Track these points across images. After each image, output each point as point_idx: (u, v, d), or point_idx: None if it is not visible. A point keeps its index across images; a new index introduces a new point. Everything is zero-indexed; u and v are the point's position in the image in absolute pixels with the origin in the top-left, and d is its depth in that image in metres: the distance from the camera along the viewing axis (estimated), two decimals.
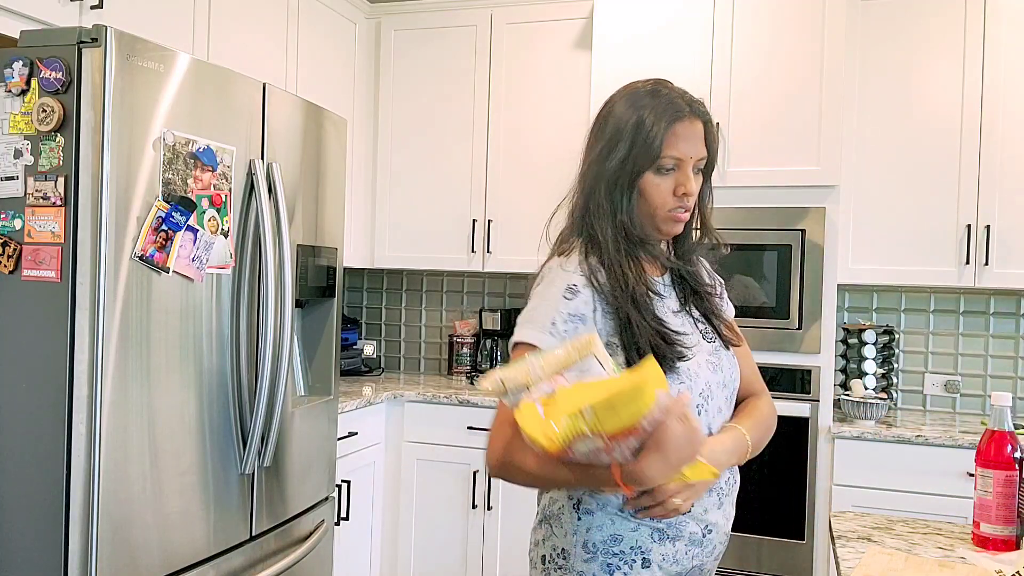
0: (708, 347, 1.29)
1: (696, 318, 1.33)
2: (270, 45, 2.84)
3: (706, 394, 1.25)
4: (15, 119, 1.63)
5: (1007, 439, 1.41)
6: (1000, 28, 2.82)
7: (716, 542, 1.27)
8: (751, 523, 2.81)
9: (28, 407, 1.63)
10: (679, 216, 1.26)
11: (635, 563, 1.21)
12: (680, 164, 1.24)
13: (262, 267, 2.00)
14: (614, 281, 1.23)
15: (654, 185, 1.24)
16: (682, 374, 1.21)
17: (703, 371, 1.25)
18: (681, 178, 1.24)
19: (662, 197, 1.24)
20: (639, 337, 1.20)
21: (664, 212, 1.25)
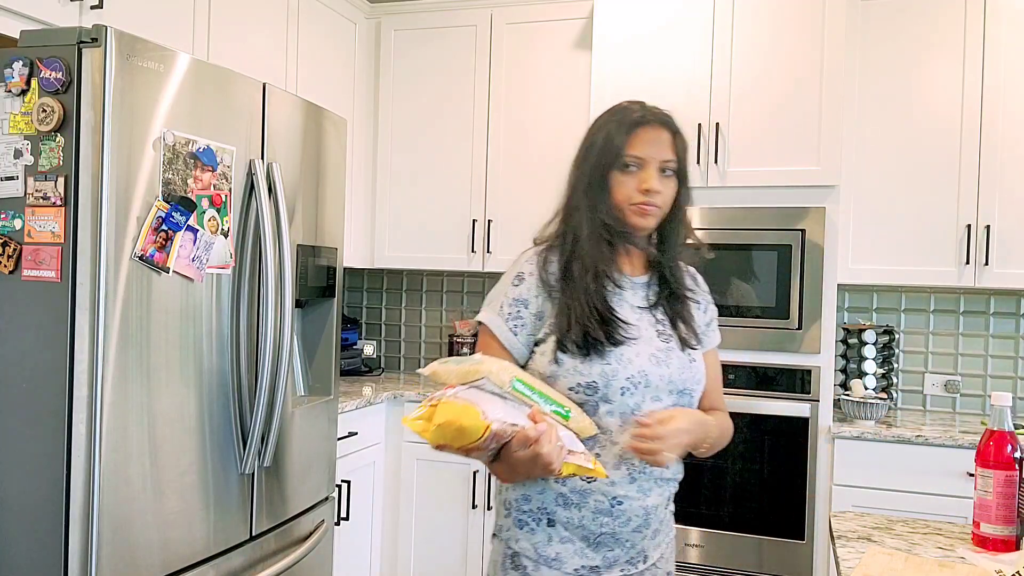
0: (658, 343, 1.39)
1: (659, 318, 1.43)
2: (270, 45, 2.84)
3: (637, 380, 1.35)
4: (15, 119, 1.63)
5: (1007, 439, 1.41)
6: (1000, 28, 2.82)
7: (631, 515, 1.36)
8: (751, 523, 2.81)
9: (28, 407, 1.63)
10: (644, 210, 1.38)
11: (541, 521, 1.37)
12: (642, 164, 1.38)
13: (262, 267, 2.00)
14: (566, 270, 1.39)
15: (619, 182, 1.39)
16: (611, 357, 1.34)
17: (640, 360, 1.36)
18: (643, 176, 1.38)
19: (626, 192, 1.38)
20: (571, 319, 1.34)
21: (629, 206, 1.39)
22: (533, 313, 1.40)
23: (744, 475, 2.82)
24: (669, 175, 1.40)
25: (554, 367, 1.36)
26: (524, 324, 1.40)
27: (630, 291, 1.44)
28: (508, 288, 1.42)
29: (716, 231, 2.86)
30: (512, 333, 1.40)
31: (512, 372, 1.23)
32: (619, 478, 1.35)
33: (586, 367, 1.34)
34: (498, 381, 1.20)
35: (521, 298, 1.41)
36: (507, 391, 1.21)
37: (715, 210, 2.87)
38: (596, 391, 1.34)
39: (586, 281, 1.37)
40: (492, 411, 1.15)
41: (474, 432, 1.13)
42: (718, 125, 2.88)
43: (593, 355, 1.33)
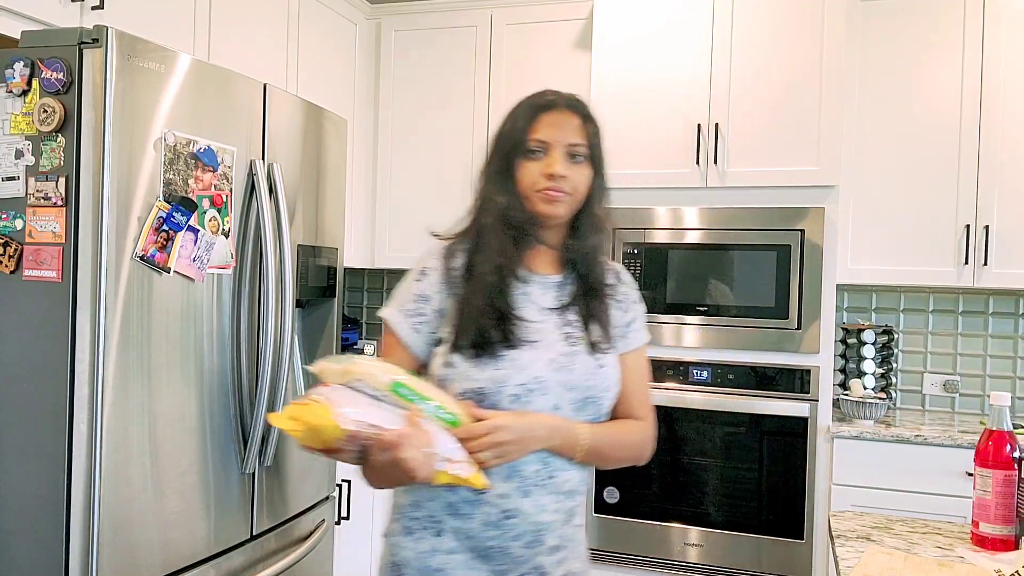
0: (562, 347, 1.30)
1: (570, 320, 1.33)
2: (271, 46, 2.84)
3: (531, 387, 1.26)
4: (16, 119, 1.64)
5: (1006, 439, 1.41)
6: (999, 27, 2.82)
7: (522, 529, 1.27)
8: (750, 522, 2.81)
9: (29, 407, 1.63)
10: (550, 196, 1.29)
11: (429, 530, 1.29)
12: (547, 148, 1.30)
13: (263, 267, 2.00)
14: (470, 265, 1.32)
15: (525, 169, 1.31)
16: (504, 361, 1.25)
17: (538, 365, 1.27)
18: (548, 160, 1.29)
19: (531, 178, 1.30)
20: (465, 316, 1.28)
21: (534, 192, 1.30)
22: (435, 310, 1.32)
23: (743, 475, 2.82)
24: (580, 161, 1.31)
25: (446, 370, 1.28)
26: (426, 321, 1.32)
27: (539, 290, 1.34)
28: (411, 284, 1.35)
29: (716, 231, 2.86)
30: (414, 331, 1.32)
31: (394, 375, 1.16)
32: (510, 490, 1.26)
33: (477, 371, 1.25)
34: (375, 383, 1.14)
35: (423, 294, 1.33)
36: (384, 394, 1.14)
37: (714, 210, 2.88)
38: (485, 397, 1.24)
39: (486, 276, 1.29)
40: (357, 412, 1.11)
41: (326, 432, 1.08)
42: (717, 125, 2.88)
43: (485, 358, 1.25)
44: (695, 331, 2.88)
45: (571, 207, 1.32)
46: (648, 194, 2.98)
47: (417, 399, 1.16)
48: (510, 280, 1.31)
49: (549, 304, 1.33)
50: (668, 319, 2.90)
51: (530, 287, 1.34)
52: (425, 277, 1.34)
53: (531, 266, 1.36)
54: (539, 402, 1.26)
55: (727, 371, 2.85)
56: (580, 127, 1.33)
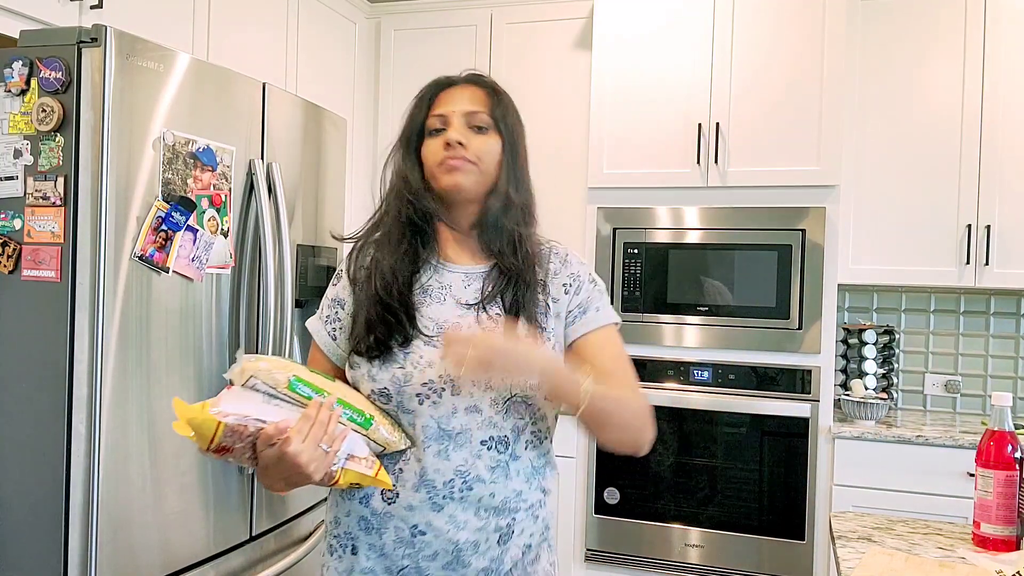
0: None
1: (494, 314, 1.21)
2: (270, 45, 2.83)
3: (439, 387, 1.16)
4: (15, 119, 1.63)
5: (1007, 439, 1.41)
6: (1001, 28, 2.82)
7: (437, 548, 1.17)
8: (751, 523, 2.81)
9: (28, 407, 1.62)
10: (449, 164, 1.21)
11: (347, 548, 1.23)
12: (447, 120, 1.24)
13: (262, 267, 2.00)
14: (368, 258, 1.25)
15: (428, 148, 1.25)
16: (406, 359, 1.17)
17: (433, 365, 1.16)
18: (449, 132, 1.22)
19: (433, 153, 1.23)
20: (358, 313, 1.21)
21: (436, 167, 1.23)
22: (349, 313, 1.25)
23: (744, 475, 2.82)
24: (484, 131, 1.23)
25: (352, 371, 1.22)
26: (341, 327, 1.26)
27: (460, 282, 1.24)
28: (329, 289, 1.31)
29: (716, 231, 2.86)
30: (330, 337, 1.27)
31: (292, 371, 1.10)
32: (418, 502, 1.16)
33: (378, 371, 1.18)
34: (271, 380, 1.08)
35: (337, 298, 1.28)
36: (281, 391, 1.08)
37: (715, 210, 2.87)
38: (389, 399, 1.17)
39: (383, 270, 1.21)
40: (240, 406, 1.04)
41: (206, 428, 1.02)
42: (718, 125, 2.88)
43: (385, 357, 1.17)
44: (696, 331, 2.88)
45: (477, 179, 1.22)
46: (649, 194, 2.98)
47: (316, 394, 1.10)
48: (415, 273, 1.23)
49: (470, 299, 1.22)
50: (669, 319, 2.90)
51: (448, 278, 1.24)
52: (339, 280, 1.30)
53: (450, 256, 1.27)
54: (450, 403, 1.16)
55: (728, 371, 2.84)
56: (482, 97, 1.26)
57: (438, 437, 1.17)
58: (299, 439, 1.03)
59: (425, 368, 1.16)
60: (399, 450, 1.17)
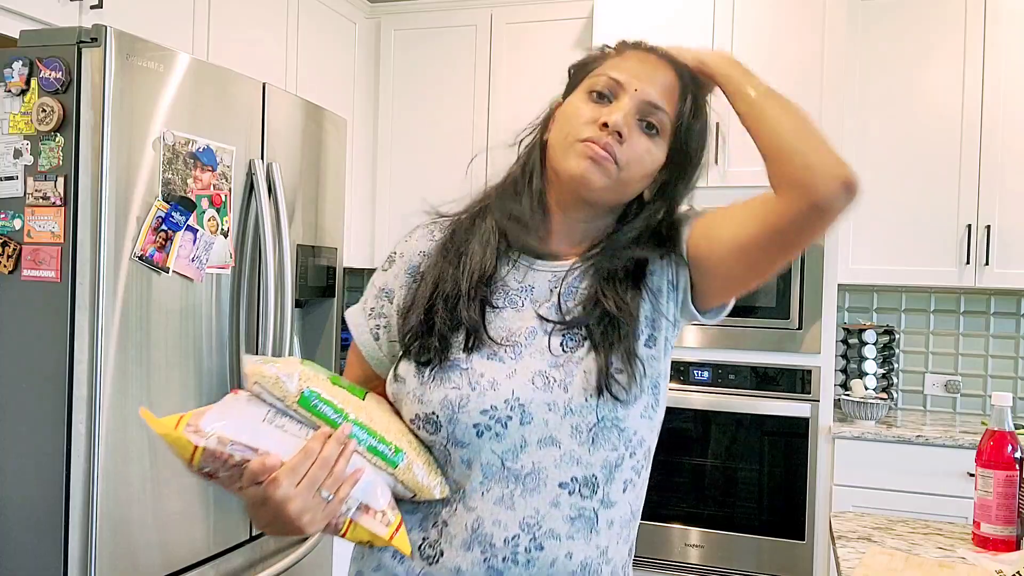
0: (551, 355, 0.91)
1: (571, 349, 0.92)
2: (270, 45, 2.83)
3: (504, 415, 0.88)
4: (15, 119, 1.63)
5: (1007, 439, 1.41)
6: (1001, 27, 2.82)
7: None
8: (751, 523, 2.81)
9: (28, 407, 1.62)
10: (589, 150, 0.89)
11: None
12: (616, 92, 0.92)
13: (262, 267, 2.00)
14: (446, 240, 1.00)
15: (572, 107, 0.94)
16: (462, 375, 0.90)
17: (515, 381, 0.89)
18: (612, 108, 0.91)
19: (575, 120, 0.92)
20: (414, 308, 0.95)
21: (569, 139, 0.91)
22: (396, 307, 0.99)
23: (744, 475, 2.82)
24: (653, 133, 0.93)
25: (395, 386, 0.94)
26: (388, 324, 0.99)
27: (545, 285, 0.96)
28: (377, 275, 1.03)
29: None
30: (372, 336, 1.00)
31: (308, 382, 0.84)
32: (468, 565, 0.87)
33: (427, 390, 0.90)
34: (278, 390, 0.83)
35: (387, 287, 1.00)
36: (291, 406, 0.83)
37: None
38: (438, 428, 0.89)
39: (459, 253, 0.96)
40: (225, 426, 0.81)
41: (178, 448, 0.82)
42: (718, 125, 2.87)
43: (436, 370, 0.90)
44: (696, 331, 2.88)
45: (609, 186, 0.91)
46: None
47: (335, 415, 0.84)
48: (493, 261, 0.95)
49: (549, 313, 0.94)
50: None
51: (531, 277, 0.97)
52: (391, 265, 1.02)
53: (540, 246, 0.97)
54: (518, 434, 0.88)
55: (728, 371, 2.84)
56: (674, 90, 0.94)
57: (501, 478, 0.88)
58: (290, 482, 0.78)
59: (487, 390, 0.89)
60: (433, 499, 0.89)
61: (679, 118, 0.94)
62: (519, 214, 0.96)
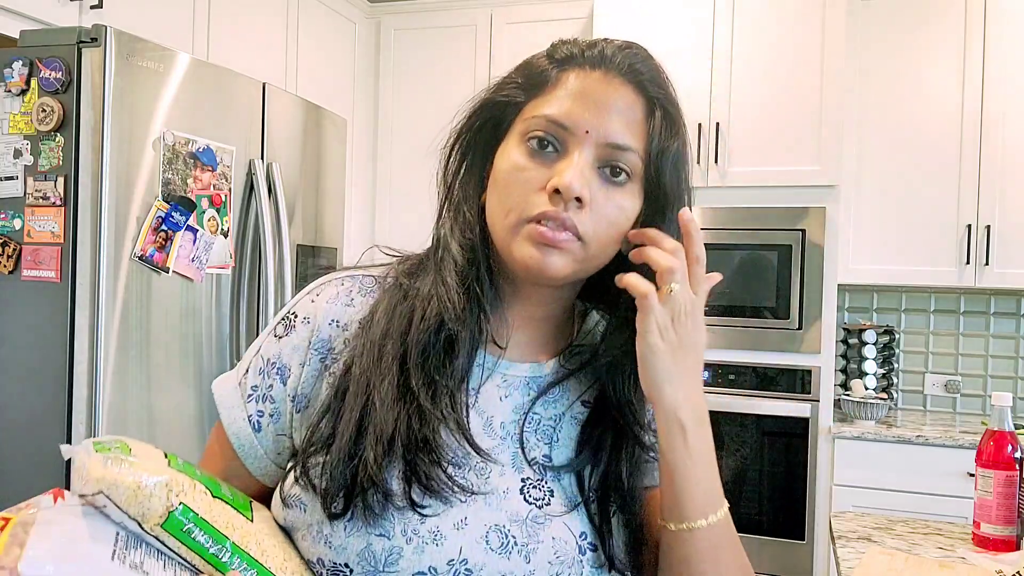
0: (517, 504, 0.68)
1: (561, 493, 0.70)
2: (270, 45, 2.83)
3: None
4: (15, 119, 1.63)
5: (1007, 439, 1.41)
6: (1001, 27, 2.82)
7: None
8: (751, 523, 2.81)
9: (28, 407, 1.62)
10: (541, 236, 0.66)
11: None
12: (566, 140, 0.68)
13: (262, 267, 2.00)
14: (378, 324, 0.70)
15: (509, 164, 0.70)
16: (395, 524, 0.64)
17: (464, 538, 0.65)
18: (561, 165, 0.67)
19: (517, 189, 0.68)
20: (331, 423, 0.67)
21: (513, 217, 0.68)
22: (291, 392, 0.71)
23: (744, 475, 2.82)
24: (622, 182, 0.68)
25: (288, 512, 0.68)
26: (276, 412, 0.72)
27: (501, 389, 0.73)
28: (264, 340, 0.75)
29: (716, 231, 2.86)
30: (251, 426, 0.72)
31: (179, 494, 0.58)
32: None
33: (340, 533, 0.64)
34: (134, 506, 0.56)
35: (279, 362, 0.72)
36: (150, 529, 0.57)
37: (715, 210, 2.87)
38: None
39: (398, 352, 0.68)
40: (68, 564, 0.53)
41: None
42: (718, 125, 2.88)
43: (359, 515, 0.64)
44: None
45: (576, 267, 0.69)
46: None
47: (213, 546, 0.59)
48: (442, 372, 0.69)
49: (513, 414, 0.72)
50: None
51: (500, 386, 0.73)
52: (289, 331, 0.73)
53: (498, 338, 0.73)
54: None
55: (728, 371, 2.84)
56: (640, 116, 0.69)
57: None
58: None
59: (427, 544, 0.64)
60: None
61: (650, 147, 0.69)
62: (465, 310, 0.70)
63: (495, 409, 0.72)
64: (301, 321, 0.73)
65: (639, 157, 0.69)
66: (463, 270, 0.72)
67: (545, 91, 0.71)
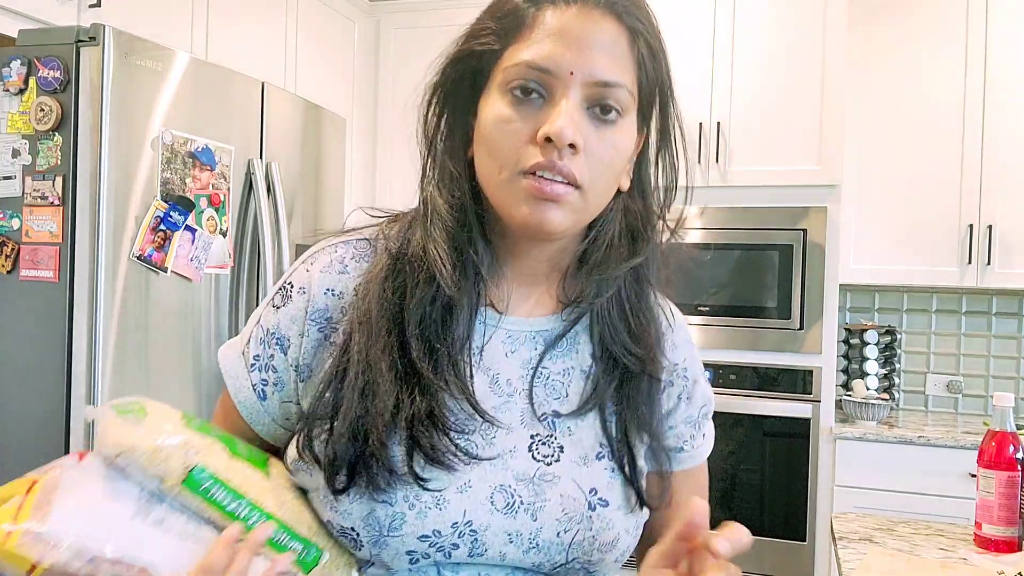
0: (525, 462, 0.68)
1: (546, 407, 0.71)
2: (269, 44, 2.83)
3: (449, 543, 0.66)
4: (13, 118, 1.63)
5: (1009, 440, 1.40)
6: (1002, 27, 2.81)
7: None
8: (752, 524, 2.80)
9: (27, 407, 1.62)
10: (537, 190, 0.64)
11: None
12: (550, 84, 0.65)
13: (261, 267, 2.00)
14: (372, 292, 0.69)
15: (494, 116, 0.67)
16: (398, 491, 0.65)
17: (469, 500, 0.66)
18: (549, 110, 0.64)
19: (506, 142, 0.66)
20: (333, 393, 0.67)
21: (505, 174, 0.66)
22: (293, 363, 0.72)
23: (745, 476, 2.81)
24: (612, 119, 0.66)
25: (299, 475, 0.70)
26: (280, 382, 0.73)
27: (506, 344, 0.72)
28: (263, 310, 0.75)
29: (717, 231, 2.85)
30: (256, 395, 0.74)
31: (198, 454, 0.61)
32: None
33: (344, 499, 0.65)
34: (155, 465, 0.59)
35: (279, 333, 0.72)
36: (170, 488, 0.60)
37: (716, 209, 2.86)
38: (359, 546, 0.66)
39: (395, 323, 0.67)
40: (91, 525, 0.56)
41: (11, 562, 0.55)
42: (719, 124, 2.87)
43: (362, 487, 0.65)
44: (696, 331, 2.87)
45: (578, 215, 0.67)
46: None
47: (241, 505, 0.62)
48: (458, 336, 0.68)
49: (519, 370, 0.71)
50: None
51: (507, 343, 0.72)
52: (286, 301, 0.73)
53: (502, 300, 0.72)
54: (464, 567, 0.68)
55: (729, 372, 2.84)
56: (624, 45, 0.67)
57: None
58: None
59: (429, 508, 0.65)
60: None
61: (641, 75, 0.68)
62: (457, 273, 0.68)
63: (501, 366, 0.71)
64: (297, 291, 0.73)
65: (628, 92, 0.67)
66: (454, 232, 0.70)
67: (521, 34, 0.68)
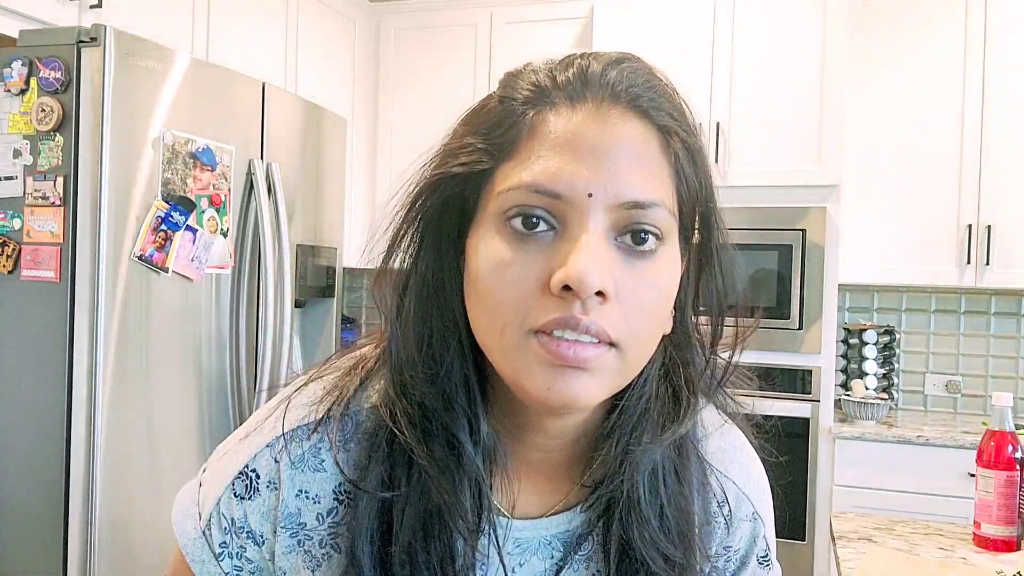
0: None
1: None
2: (270, 44, 2.83)
3: None
4: (14, 119, 1.63)
5: (1008, 439, 1.41)
6: (1001, 27, 2.81)
7: None
8: None
9: (27, 407, 1.62)
10: (555, 356, 0.49)
11: None
12: (562, 212, 0.50)
13: (261, 267, 2.00)
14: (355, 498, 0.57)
15: (494, 257, 0.51)
16: None
17: None
18: (563, 248, 0.49)
19: (510, 291, 0.50)
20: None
21: (512, 332, 0.50)
22: (269, 555, 0.62)
23: None
24: (650, 249, 0.51)
25: None
26: (258, 570, 0.64)
27: (514, 558, 0.60)
28: (224, 497, 0.64)
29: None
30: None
31: None
32: None
33: None
34: None
35: (250, 528, 0.62)
36: None
37: None
38: None
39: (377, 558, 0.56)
40: None
41: None
42: (719, 125, 2.87)
43: None
44: None
45: (618, 381, 0.53)
46: None
47: None
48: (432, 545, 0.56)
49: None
50: None
51: (513, 550, 0.60)
52: (252, 494, 0.62)
53: (502, 499, 0.59)
54: None
55: None
56: (655, 150, 0.52)
57: None
58: None
59: None
60: None
61: (679, 187, 0.53)
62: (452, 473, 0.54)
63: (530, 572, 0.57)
64: (265, 485, 0.61)
65: (667, 211, 0.51)
66: (443, 419, 0.54)
67: (517, 149, 0.51)
